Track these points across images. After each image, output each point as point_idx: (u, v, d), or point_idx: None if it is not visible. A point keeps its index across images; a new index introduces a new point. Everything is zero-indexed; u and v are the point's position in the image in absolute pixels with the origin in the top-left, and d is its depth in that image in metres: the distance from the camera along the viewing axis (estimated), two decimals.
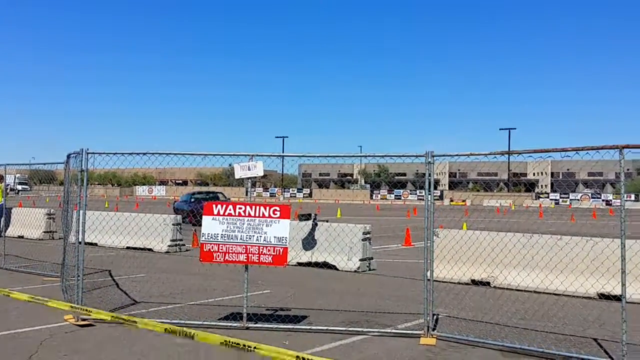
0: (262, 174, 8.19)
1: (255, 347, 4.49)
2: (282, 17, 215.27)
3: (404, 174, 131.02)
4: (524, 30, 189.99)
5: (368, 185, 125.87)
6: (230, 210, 8.04)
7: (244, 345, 4.49)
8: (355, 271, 13.49)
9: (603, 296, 10.08)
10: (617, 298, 7.01)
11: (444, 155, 8.21)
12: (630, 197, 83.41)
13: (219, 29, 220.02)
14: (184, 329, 5.25)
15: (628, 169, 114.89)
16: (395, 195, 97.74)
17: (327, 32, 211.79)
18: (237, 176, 8.30)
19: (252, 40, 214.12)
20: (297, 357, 4.39)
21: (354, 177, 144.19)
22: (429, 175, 7.88)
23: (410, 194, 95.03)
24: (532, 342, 7.38)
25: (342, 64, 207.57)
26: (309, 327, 8.05)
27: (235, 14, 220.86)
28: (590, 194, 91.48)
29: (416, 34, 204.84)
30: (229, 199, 32.62)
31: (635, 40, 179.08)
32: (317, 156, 8.83)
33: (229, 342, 4.59)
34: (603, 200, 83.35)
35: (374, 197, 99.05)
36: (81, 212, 8.54)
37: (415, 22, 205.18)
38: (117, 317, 5.84)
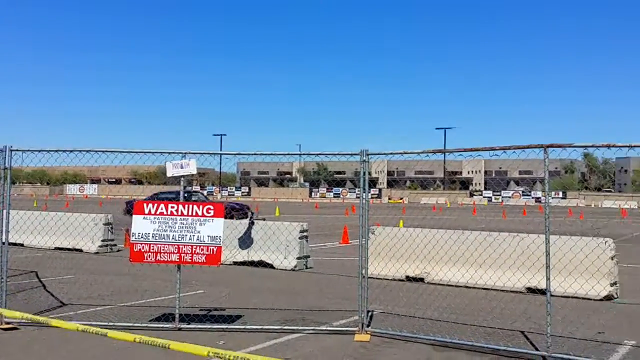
0: (195, 172, 8.05)
1: (169, 346, 4.43)
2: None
3: (343, 173, 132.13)
4: (524, 31, 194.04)
5: (307, 184, 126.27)
6: (162, 209, 7.87)
7: (162, 345, 4.41)
8: (292, 269, 13.48)
9: (530, 290, 10.43)
10: (543, 292, 7.25)
11: (378, 154, 8.30)
12: (558, 194, 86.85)
13: (214, 28, 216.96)
14: (98, 329, 5.09)
15: (556, 168, 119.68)
16: (334, 194, 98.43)
17: (326, 32, 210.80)
18: (169, 174, 8.13)
19: (245, 39, 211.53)
20: (208, 352, 4.34)
21: (293, 175, 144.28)
22: (364, 173, 7.95)
23: (349, 192, 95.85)
24: (462, 336, 7.56)
25: (343, 64, 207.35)
26: (243, 327, 7.97)
27: (227, 13, 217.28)
28: (521, 192, 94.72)
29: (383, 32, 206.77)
30: (207, 198, 31.68)
31: (556, 40, 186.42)
32: (252, 154, 8.77)
33: (142, 340, 4.50)
34: (533, 198, 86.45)
35: (313, 196, 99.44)
36: (4, 211, 8.17)
37: (377, 20, 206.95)
38: (33, 318, 5.63)
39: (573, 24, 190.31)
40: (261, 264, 13.61)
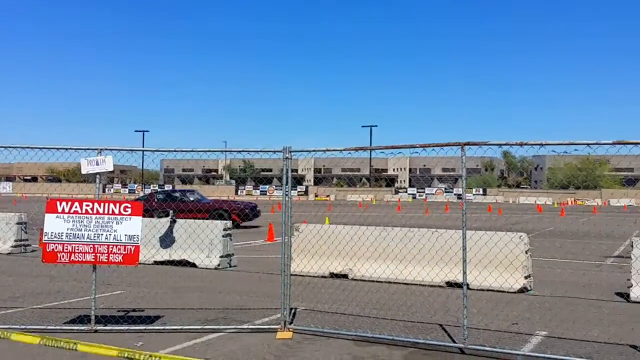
0: (111, 168, 7.77)
1: (77, 347, 4.27)
2: None
3: (270, 170, 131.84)
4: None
5: (233, 181, 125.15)
6: (76, 207, 7.55)
7: (69, 347, 4.24)
8: (215, 268, 13.29)
9: (449, 284, 10.72)
10: (461, 285, 7.46)
11: (301, 151, 8.30)
12: (479, 191, 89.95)
13: (133, 23, 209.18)
14: (1, 332, 4.85)
15: (477, 165, 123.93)
16: (261, 191, 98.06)
17: (250, 29, 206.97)
18: (83, 171, 7.81)
19: (170, 34, 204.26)
20: (119, 353, 4.21)
21: (219, 172, 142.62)
22: (287, 171, 7.92)
23: (276, 189, 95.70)
24: (383, 330, 7.67)
25: (271, 62, 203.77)
26: (162, 328, 7.78)
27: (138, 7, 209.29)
28: (443, 189, 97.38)
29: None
30: (203, 197, 28.98)
31: (477, 41, 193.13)
32: (172, 151, 8.57)
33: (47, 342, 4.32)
34: (455, 194, 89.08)
35: (239, 193, 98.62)
36: None
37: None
38: None
39: (494, 25, 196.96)
40: (183, 263, 13.35)
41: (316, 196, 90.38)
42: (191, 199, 26.73)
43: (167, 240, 13.67)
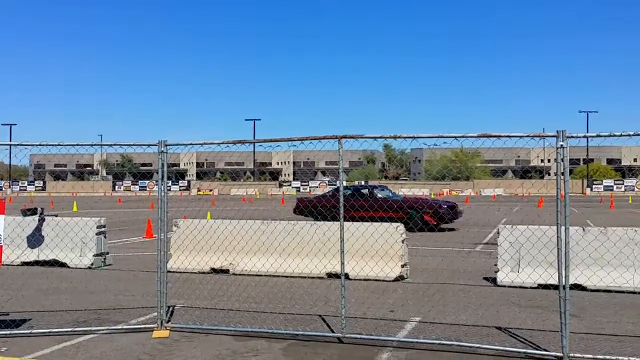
0: None
1: None
2: None
3: (150, 165, 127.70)
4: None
5: (110, 177, 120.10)
6: None
7: None
8: (88, 267, 12.65)
9: (330, 275, 10.90)
10: (345, 276, 7.57)
11: (177, 144, 8.05)
12: (361, 183, 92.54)
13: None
14: None
15: (359, 158, 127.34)
16: (140, 187, 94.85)
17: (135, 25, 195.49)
18: None
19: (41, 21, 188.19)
20: None
21: (95, 167, 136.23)
22: (162, 165, 7.70)
23: (157, 184, 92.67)
24: (263, 324, 7.66)
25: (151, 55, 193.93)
26: (29, 331, 7.30)
27: None
28: (327, 181, 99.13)
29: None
30: (393, 193, 25.07)
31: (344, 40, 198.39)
32: (36, 145, 8.03)
33: None
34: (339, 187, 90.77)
35: (116, 189, 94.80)
36: None
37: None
38: None
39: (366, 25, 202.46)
40: (54, 263, 12.58)
41: (199, 191, 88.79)
42: (380, 195, 23.19)
43: (36, 239, 12.80)
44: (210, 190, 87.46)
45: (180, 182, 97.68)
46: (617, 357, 6.23)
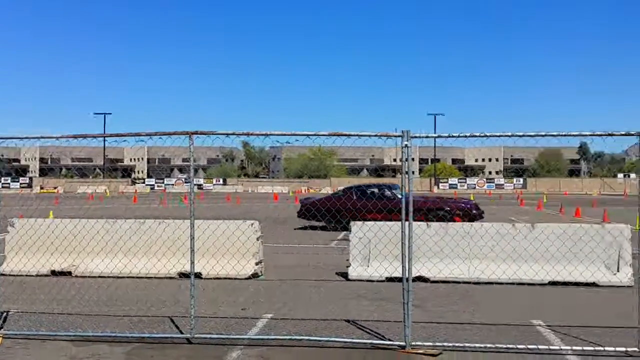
0: None
1: None
2: None
3: None
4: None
5: None
6: None
7: None
8: None
9: (182, 275, 10.59)
10: (196, 275, 7.36)
11: (5, 138, 7.37)
12: (219, 181, 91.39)
13: None
14: None
15: (217, 155, 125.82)
16: None
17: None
18: None
19: None
20: None
21: None
22: None
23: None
24: (106, 327, 7.27)
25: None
26: None
27: None
28: (183, 179, 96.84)
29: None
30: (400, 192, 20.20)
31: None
32: None
33: None
34: (195, 185, 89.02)
35: None
36: None
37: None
38: None
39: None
40: None
41: (42, 188, 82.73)
42: (399, 196, 20.19)
43: None
44: (55, 188, 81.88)
45: (21, 179, 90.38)
46: (454, 343, 6.67)
